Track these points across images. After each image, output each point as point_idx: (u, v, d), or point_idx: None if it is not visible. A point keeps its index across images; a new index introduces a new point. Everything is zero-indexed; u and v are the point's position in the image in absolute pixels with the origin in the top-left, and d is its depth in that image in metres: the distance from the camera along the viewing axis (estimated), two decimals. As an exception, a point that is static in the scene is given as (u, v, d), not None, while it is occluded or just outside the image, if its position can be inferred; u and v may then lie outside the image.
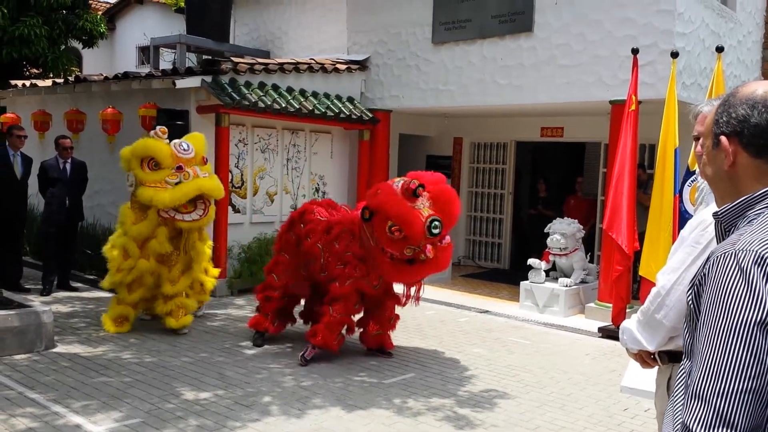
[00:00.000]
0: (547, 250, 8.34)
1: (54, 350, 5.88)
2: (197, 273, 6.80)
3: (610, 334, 6.99)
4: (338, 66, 9.88)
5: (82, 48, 13.72)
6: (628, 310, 7.04)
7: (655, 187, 6.66)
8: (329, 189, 10.00)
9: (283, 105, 8.75)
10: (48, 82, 10.69)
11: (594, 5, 7.96)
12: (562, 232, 8.17)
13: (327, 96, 9.68)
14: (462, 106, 9.49)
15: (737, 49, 9.19)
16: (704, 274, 1.31)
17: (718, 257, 1.28)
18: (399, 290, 6.09)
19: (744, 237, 1.28)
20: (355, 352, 6.20)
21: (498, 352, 6.55)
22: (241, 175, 8.89)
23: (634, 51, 7.10)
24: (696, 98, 7.53)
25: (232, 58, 9.05)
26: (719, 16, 8.53)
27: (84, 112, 9.67)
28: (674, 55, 6.81)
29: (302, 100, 9.16)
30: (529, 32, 8.50)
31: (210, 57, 9.96)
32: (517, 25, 8.59)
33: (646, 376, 2.83)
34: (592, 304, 7.99)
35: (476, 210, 11.83)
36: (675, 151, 6.54)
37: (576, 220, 8.43)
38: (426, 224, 5.22)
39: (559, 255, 8.26)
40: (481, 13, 8.91)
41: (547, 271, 8.38)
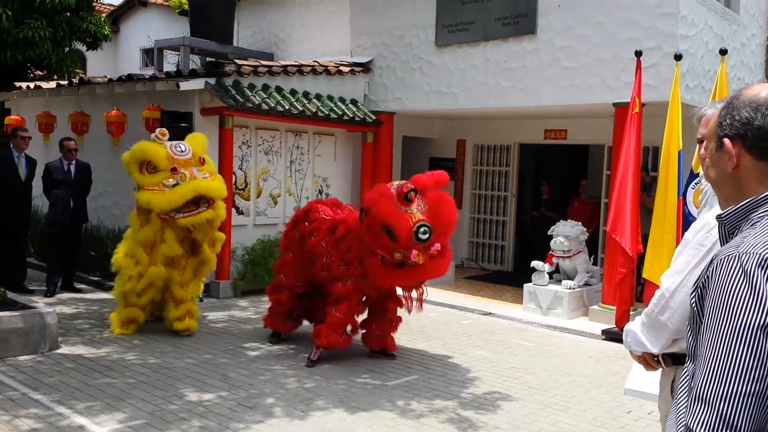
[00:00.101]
0: (550, 252, 8.33)
1: (58, 351, 5.89)
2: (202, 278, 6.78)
3: (614, 336, 6.98)
4: (342, 68, 9.89)
5: (86, 50, 13.79)
6: (631, 313, 7.03)
7: (659, 189, 6.65)
8: (332, 191, 10.00)
9: (287, 107, 8.77)
10: (52, 84, 10.73)
11: (597, 8, 7.96)
12: (565, 234, 8.16)
13: (330, 98, 9.70)
14: (465, 109, 9.49)
15: (741, 51, 9.18)
16: (708, 277, 1.31)
17: (721, 260, 1.28)
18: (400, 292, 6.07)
19: (747, 240, 1.28)
20: (359, 354, 6.20)
21: (501, 354, 6.54)
22: (245, 177, 8.90)
23: (638, 53, 7.09)
24: (699, 101, 7.52)
25: (236, 61, 9.07)
26: (722, 19, 8.52)
27: (88, 114, 9.68)
28: (678, 57, 6.79)
29: (306, 102, 9.17)
30: (532, 35, 8.50)
31: (214, 59, 9.97)
32: (521, 27, 8.59)
33: (650, 378, 2.83)
34: (595, 307, 7.98)
35: (479, 212, 11.83)
36: (678, 153, 6.53)
37: (579, 223, 8.41)
38: (413, 229, 5.15)
39: (563, 257, 8.25)
40: (485, 16, 8.92)
41: (550, 274, 8.39)
